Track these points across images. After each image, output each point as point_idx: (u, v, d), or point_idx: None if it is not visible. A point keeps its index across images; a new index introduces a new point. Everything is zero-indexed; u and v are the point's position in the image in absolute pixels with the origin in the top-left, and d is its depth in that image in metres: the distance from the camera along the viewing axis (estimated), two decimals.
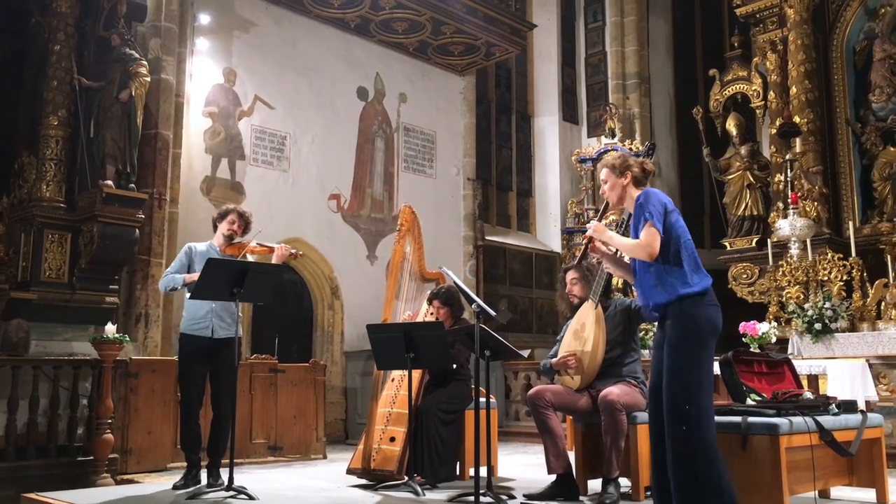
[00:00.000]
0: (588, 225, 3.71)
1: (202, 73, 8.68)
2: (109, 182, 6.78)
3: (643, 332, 8.17)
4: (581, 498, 4.35)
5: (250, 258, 5.13)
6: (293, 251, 5.20)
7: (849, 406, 4.14)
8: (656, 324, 3.49)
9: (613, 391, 4.27)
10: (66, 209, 7.01)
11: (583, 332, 4.41)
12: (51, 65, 7.10)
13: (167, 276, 5.02)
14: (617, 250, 3.68)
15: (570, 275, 4.74)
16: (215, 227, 5.14)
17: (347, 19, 9.81)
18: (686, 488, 3.16)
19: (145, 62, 7.12)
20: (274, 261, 5.03)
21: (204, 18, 8.68)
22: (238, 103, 9.00)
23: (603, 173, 3.64)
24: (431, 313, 5.47)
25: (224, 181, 8.75)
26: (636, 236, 3.42)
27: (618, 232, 3.87)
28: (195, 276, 4.73)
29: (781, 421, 3.61)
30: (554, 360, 4.57)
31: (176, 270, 4.99)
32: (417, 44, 10.45)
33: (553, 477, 4.40)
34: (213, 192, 8.62)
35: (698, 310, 3.30)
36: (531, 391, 4.50)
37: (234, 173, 8.86)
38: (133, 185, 6.99)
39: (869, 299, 8.23)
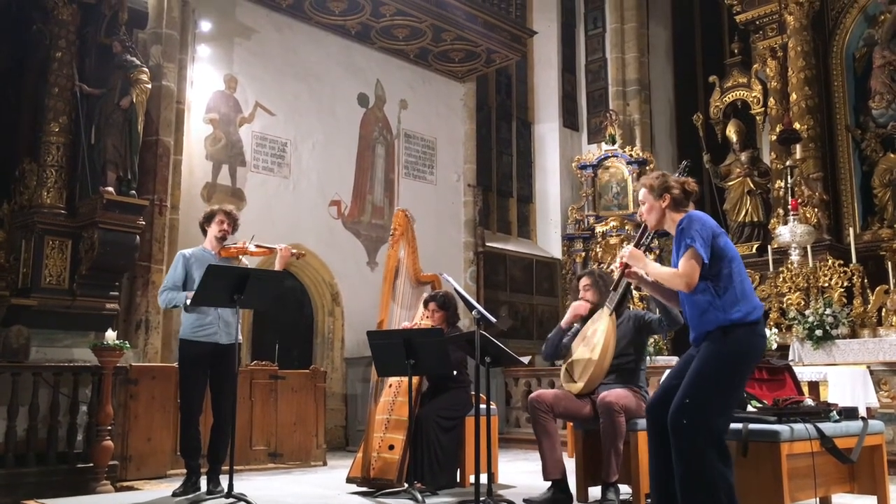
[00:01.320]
0: (623, 252, 3.56)
1: (203, 79, 8.70)
2: (110, 188, 6.78)
3: None
4: None
5: (245, 260, 5.13)
6: (294, 251, 5.19)
7: (850, 413, 4.12)
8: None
9: (612, 393, 4.26)
10: (66, 215, 7.00)
11: (592, 338, 4.38)
12: (52, 72, 7.10)
13: (167, 292, 4.86)
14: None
15: (584, 281, 4.70)
16: (203, 231, 5.14)
17: (348, 26, 9.83)
18: (685, 482, 3.12)
19: (146, 69, 7.12)
20: (277, 265, 5.01)
21: (205, 25, 8.70)
22: (239, 110, 9.01)
23: (641, 194, 3.43)
24: (427, 316, 5.45)
25: (225, 187, 8.75)
26: (677, 262, 3.21)
27: (646, 240, 3.66)
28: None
29: (782, 428, 3.60)
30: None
31: (174, 283, 4.86)
32: (418, 50, 10.47)
33: (549, 482, 4.39)
34: (214, 199, 8.60)
35: (745, 337, 3.15)
36: (532, 394, 4.50)
37: (235, 180, 8.86)
38: (134, 191, 6.98)
39: (870, 306, 8.23)
